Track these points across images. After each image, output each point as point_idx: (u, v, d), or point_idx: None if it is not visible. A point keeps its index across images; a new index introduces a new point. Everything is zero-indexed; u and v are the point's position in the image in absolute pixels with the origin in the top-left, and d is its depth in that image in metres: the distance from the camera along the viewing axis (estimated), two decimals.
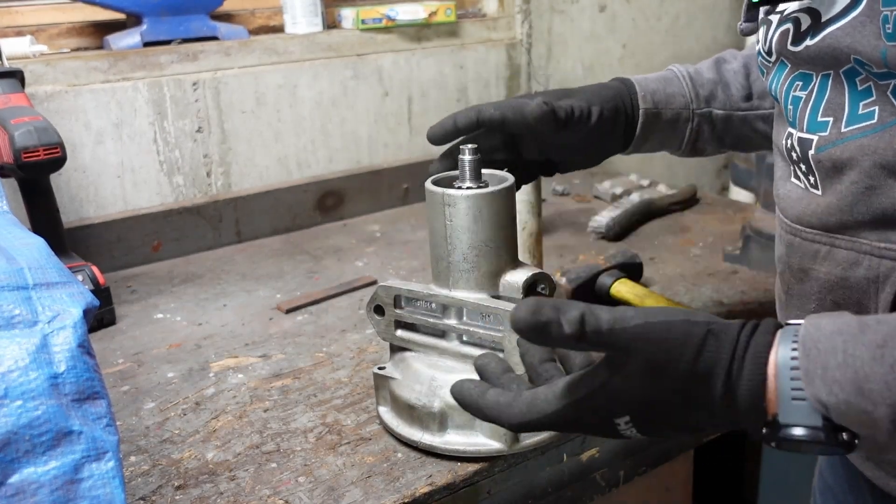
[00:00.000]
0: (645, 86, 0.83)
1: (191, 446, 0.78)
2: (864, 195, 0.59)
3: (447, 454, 0.74)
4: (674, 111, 0.83)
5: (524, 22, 1.69)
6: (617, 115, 0.81)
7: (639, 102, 0.82)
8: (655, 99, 0.83)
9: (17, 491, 0.48)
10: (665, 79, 0.85)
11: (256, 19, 1.52)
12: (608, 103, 0.79)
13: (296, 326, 1.05)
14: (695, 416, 0.48)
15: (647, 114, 0.82)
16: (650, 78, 0.85)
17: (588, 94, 0.79)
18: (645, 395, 0.48)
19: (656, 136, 0.85)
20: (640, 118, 0.82)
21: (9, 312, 0.51)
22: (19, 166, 0.98)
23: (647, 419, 0.50)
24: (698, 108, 0.84)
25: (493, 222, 0.72)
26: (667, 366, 0.47)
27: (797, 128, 0.63)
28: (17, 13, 1.34)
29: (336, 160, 1.52)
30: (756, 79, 0.85)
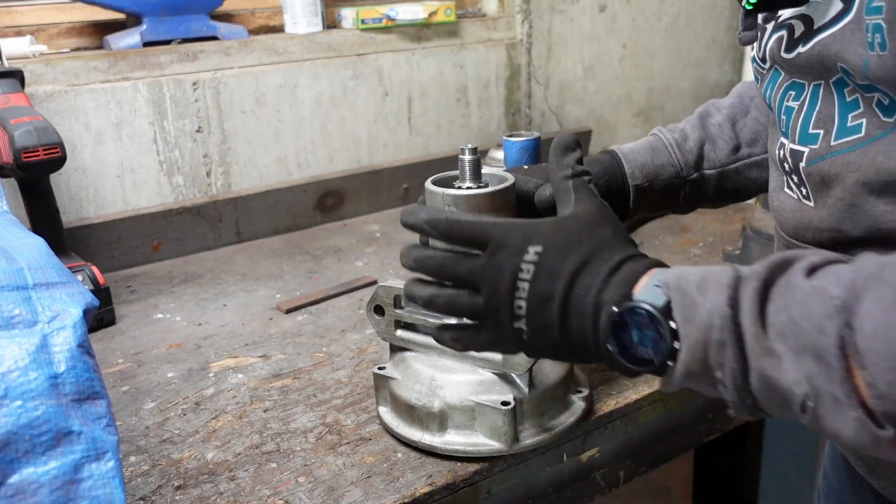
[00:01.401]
0: (633, 160, 0.83)
1: (191, 446, 0.78)
2: (849, 212, 0.58)
3: (447, 454, 0.74)
4: (664, 181, 0.83)
5: (524, 22, 1.69)
6: (609, 192, 0.81)
7: (628, 178, 0.82)
8: (645, 173, 0.83)
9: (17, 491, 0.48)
10: (653, 148, 0.85)
11: (256, 19, 1.52)
12: (598, 180, 0.79)
13: (296, 326, 1.05)
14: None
15: (638, 189, 0.82)
16: (637, 149, 0.85)
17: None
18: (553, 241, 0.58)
19: (650, 205, 0.85)
20: (631, 194, 0.82)
21: (9, 312, 0.51)
22: (19, 166, 0.98)
23: (544, 267, 0.57)
24: (689, 175, 0.84)
25: None
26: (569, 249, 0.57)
27: (789, 138, 0.62)
28: (17, 13, 1.34)
29: (336, 160, 1.52)
30: (743, 126, 0.85)
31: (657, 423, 0.89)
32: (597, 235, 0.58)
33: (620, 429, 0.84)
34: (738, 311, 0.48)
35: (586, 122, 1.84)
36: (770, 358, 0.46)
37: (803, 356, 0.44)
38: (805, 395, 0.45)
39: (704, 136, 0.86)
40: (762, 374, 0.47)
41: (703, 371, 0.50)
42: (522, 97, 1.73)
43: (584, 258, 0.57)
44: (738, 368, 0.48)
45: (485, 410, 0.72)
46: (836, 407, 0.43)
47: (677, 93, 1.97)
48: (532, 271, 0.57)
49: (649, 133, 0.87)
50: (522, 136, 1.18)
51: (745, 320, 0.47)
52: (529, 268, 0.57)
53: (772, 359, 0.46)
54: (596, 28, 1.80)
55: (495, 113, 1.69)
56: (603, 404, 0.82)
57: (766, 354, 0.46)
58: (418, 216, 0.61)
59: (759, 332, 0.46)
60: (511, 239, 0.59)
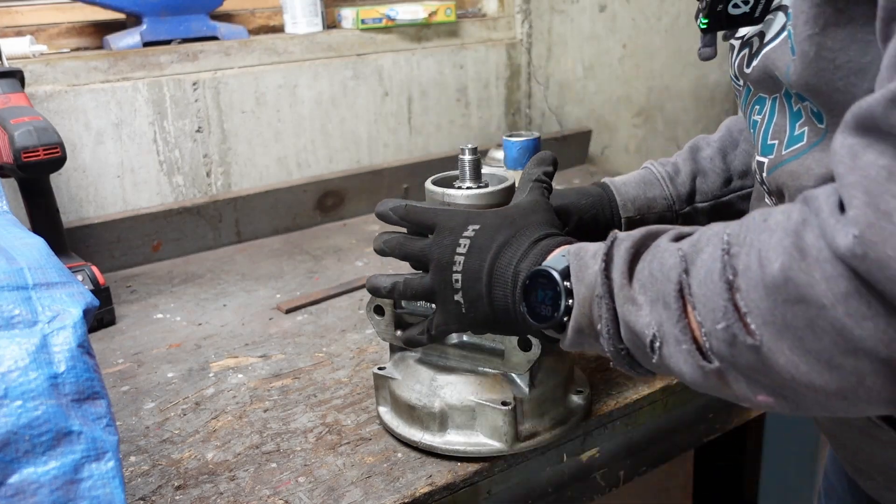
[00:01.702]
0: (625, 193, 0.85)
1: (191, 446, 0.78)
2: None
3: (447, 454, 0.73)
4: (657, 214, 0.85)
5: (524, 22, 1.69)
6: (596, 223, 0.83)
7: (619, 211, 0.84)
8: (637, 205, 0.84)
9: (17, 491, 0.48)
10: (645, 182, 0.86)
11: (256, 19, 1.52)
12: (586, 212, 0.81)
13: (296, 326, 1.05)
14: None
15: (630, 221, 0.84)
16: (630, 182, 0.86)
17: (565, 200, 0.81)
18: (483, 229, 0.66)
19: None
20: (623, 227, 0.84)
21: (9, 312, 0.51)
22: (19, 166, 0.98)
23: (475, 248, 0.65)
24: (681, 209, 0.86)
25: None
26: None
27: (756, 150, 0.65)
28: (17, 13, 1.34)
29: (336, 160, 1.52)
30: (733, 158, 0.86)
31: (657, 423, 0.89)
32: (526, 219, 0.66)
33: (620, 429, 0.84)
34: (610, 266, 0.55)
35: (586, 122, 1.84)
36: (632, 305, 0.52)
37: (656, 303, 0.50)
38: (653, 336, 0.51)
39: (696, 169, 0.87)
40: (625, 321, 0.53)
41: (589, 325, 0.57)
42: (522, 97, 1.73)
43: (510, 235, 0.64)
44: (609, 318, 0.55)
45: (485, 410, 0.72)
46: (676, 345, 0.49)
47: (677, 93, 1.97)
48: (467, 246, 0.65)
49: (640, 167, 0.89)
50: (522, 136, 1.18)
51: (614, 273, 0.54)
52: (465, 242, 0.65)
53: (633, 306, 0.52)
54: (596, 28, 1.80)
55: (495, 113, 1.69)
56: (603, 404, 0.82)
57: (629, 302, 0.53)
58: (385, 205, 0.72)
59: (625, 283, 0.53)
60: (453, 221, 0.67)
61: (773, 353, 0.44)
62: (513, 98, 1.71)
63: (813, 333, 0.42)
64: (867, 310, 0.39)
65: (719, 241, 0.47)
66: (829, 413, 0.46)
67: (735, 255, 0.46)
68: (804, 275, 0.41)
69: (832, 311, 0.40)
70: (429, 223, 0.69)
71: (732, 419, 1.00)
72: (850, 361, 0.41)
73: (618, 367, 0.57)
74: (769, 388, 0.46)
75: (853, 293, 0.40)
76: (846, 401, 0.43)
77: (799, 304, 0.42)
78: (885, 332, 0.39)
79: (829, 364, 0.42)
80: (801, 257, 0.42)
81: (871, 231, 0.39)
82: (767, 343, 0.44)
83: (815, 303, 0.41)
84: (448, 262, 0.66)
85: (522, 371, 0.73)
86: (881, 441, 0.61)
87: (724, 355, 0.47)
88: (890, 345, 0.39)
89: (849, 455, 0.69)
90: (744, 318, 0.45)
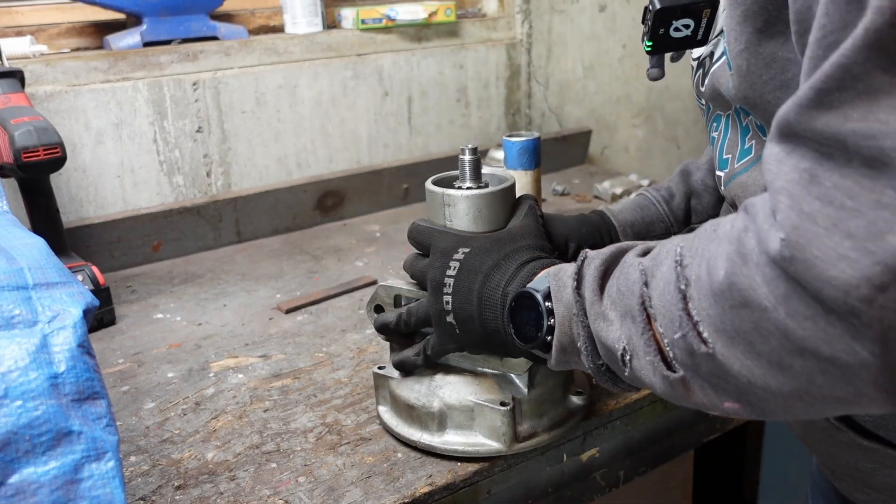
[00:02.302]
0: (623, 219, 0.87)
1: (191, 446, 0.78)
2: None
3: (446, 454, 0.74)
4: (655, 237, 0.86)
5: (524, 22, 1.69)
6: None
7: (619, 236, 0.86)
8: (635, 230, 0.87)
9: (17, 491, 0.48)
10: (641, 206, 0.88)
11: (256, 19, 1.52)
12: (586, 240, 0.82)
13: (296, 326, 1.05)
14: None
15: None
16: (627, 208, 0.88)
17: (565, 228, 0.82)
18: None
19: None
20: None
21: (9, 312, 0.51)
22: (19, 166, 0.98)
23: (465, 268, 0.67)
24: (679, 230, 0.87)
25: (493, 222, 0.72)
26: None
27: (716, 165, 0.66)
28: (17, 13, 1.34)
29: (336, 160, 1.52)
30: None
31: (657, 423, 0.89)
32: (515, 243, 0.68)
33: (620, 429, 0.84)
34: (581, 283, 0.56)
35: (586, 122, 1.84)
36: (603, 321, 0.54)
37: (625, 318, 0.52)
38: (623, 350, 0.52)
39: (690, 191, 0.89)
40: (598, 336, 0.54)
41: (570, 343, 0.58)
42: (522, 97, 1.73)
43: (499, 259, 0.66)
44: (586, 336, 0.56)
45: (484, 410, 0.72)
46: (644, 357, 0.50)
47: (677, 93, 1.97)
48: (457, 268, 0.67)
49: (636, 194, 0.92)
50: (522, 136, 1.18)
51: (585, 291, 0.56)
52: (455, 265, 0.67)
53: (604, 322, 0.53)
54: (596, 28, 1.80)
55: (495, 113, 1.69)
56: (603, 404, 0.82)
57: (600, 318, 0.54)
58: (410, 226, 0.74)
59: (595, 299, 0.54)
60: (445, 243, 0.69)
61: (727, 358, 0.44)
62: (513, 98, 1.71)
63: (760, 336, 0.42)
64: (806, 309, 0.40)
65: (674, 253, 0.49)
66: (793, 416, 0.47)
67: (687, 265, 0.47)
68: (746, 279, 0.42)
69: (774, 313, 0.41)
70: (425, 243, 0.71)
71: (732, 419, 1.00)
72: (798, 362, 0.41)
73: (600, 383, 0.58)
74: (733, 394, 0.47)
75: (791, 294, 0.40)
76: (803, 402, 0.43)
77: (744, 308, 0.43)
78: (824, 331, 0.40)
79: (779, 366, 0.42)
80: (742, 262, 0.43)
81: (795, 234, 0.40)
82: (721, 350, 0.45)
83: (758, 306, 0.42)
84: (440, 283, 0.68)
85: (521, 372, 0.73)
86: (844, 443, 0.62)
87: (686, 364, 0.48)
88: (830, 343, 0.40)
89: (821, 457, 0.69)
90: (697, 327, 0.46)
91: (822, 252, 0.39)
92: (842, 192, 0.39)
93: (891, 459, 0.60)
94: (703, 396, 0.49)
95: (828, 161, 0.40)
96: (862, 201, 0.38)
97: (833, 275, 0.38)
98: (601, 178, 1.63)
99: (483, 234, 0.71)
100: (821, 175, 0.40)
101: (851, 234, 0.38)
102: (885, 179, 0.38)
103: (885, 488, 0.63)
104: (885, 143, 0.37)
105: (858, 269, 0.38)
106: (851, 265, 0.38)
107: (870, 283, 0.37)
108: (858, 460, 0.63)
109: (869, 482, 0.64)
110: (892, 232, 0.37)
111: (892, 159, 0.37)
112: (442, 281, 0.68)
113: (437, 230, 0.72)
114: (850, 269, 0.38)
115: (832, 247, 0.38)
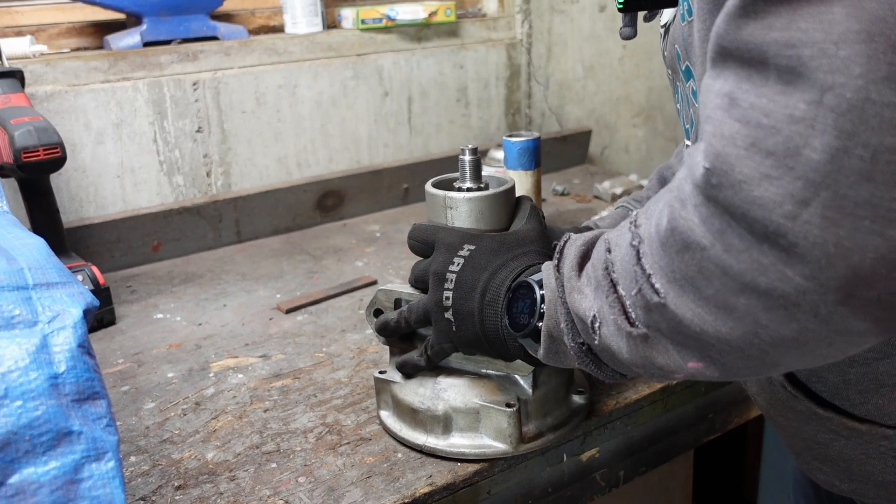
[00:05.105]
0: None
1: (191, 446, 0.78)
2: None
3: (452, 457, 0.73)
4: None
5: (524, 22, 1.69)
6: None
7: None
8: None
9: (17, 491, 0.48)
10: (622, 218, 0.89)
11: (256, 19, 1.52)
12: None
13: (296, 326, 1.05)
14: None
15: None
16: (607, 221, 0.90)
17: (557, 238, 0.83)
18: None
19: None
20: None
21: (9, 312, 0.51)
22: (19, 166, 0.98)
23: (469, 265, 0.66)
24: None
25: (494, 224, 0.72)
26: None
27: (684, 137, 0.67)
28: (17, 13, 1.34)
29: (336, 160, 1.52)
30: None
31: (657, 423, 0.89)
32: (524, 247, 0.68)
33: (620, 429, 0.84)
34: (562, 261, 0.57)
35: (586, 122, 1.84)
36: (578, 294, 0.55)
37: (597, 290, 0.52)
38: (593, 317, 0.53)
39: None
40: (573, 309, 0.55)
41: (556, 326, 0.58)
42: (522, 97, 1.73)
43: (507, 259, 0.66)
44: (564, 312, 0.56)
45: (490, 412, 0.72)
46: (611, 322, 0.51)
47: None
48: (461, 264, 0.66)
49: (615, 206, 0.94)
50: (522, 136, 1.18)
51: (565, 268, 0.57)
52: (459, 261, 0.67)
53: (579, 295, 0.54)
54: (596, 28, 1.80)
55: (495, 113, 1.69)
56: (603, 404, 0.82)
57: (575, 291, 0.55)
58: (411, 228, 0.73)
59: (573, 275, 0.55)
60: (450, 240, 0.69)
61: (679, 308, 0.45)
62: (513, 98, 1.71)
63: (704, 279, 0.43)
64: (739, 242, 0.40)
65: (631, 217, 0.51)
66: (753, 371, 0.47)
67: (640, 224, 0.48)
68: (685, 221, 0.43)
69: (713, 250, 0.41)
70: (430, 240, 0.71)
71: (732, 419, 1.00)
72: (742, 301, 0.41)
73: (584, 368, 0.58)
74: (693, 350, 0.47)
75: (726, 228, 0.41)
76: (756, 350, 0.43)
77: (686, 251, 0.43)
78: (758, 261, 0.40)
79: (725, 308, 0.42)
80: (681, 206, 0.43)
81: (719, 160, 0.40)
82: (673, 299, 0.45)
83: (697, 246, 0.42)
84: (442, 276, 0.67)
85: (526, 373, 0.73)
86: (803, 414, 0.63)
87: (644, 321, 0.48)
88: (765, 272, 0.40)
89: (784, 433, 0.70)
90: (650, 280, 0.46)
91: (744, 174, 0.39)
92: (758, 111, 0.39)
93: (846, 430, 0.61)
94: (666, 357, 0.49)
95: (746, 82, 0.40)
96: (777, 117, 0.38)
97: (758, 195, 0.38)
98: (601, 178, 1.63)
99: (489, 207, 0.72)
100: (739, 97, 0.40)
101: (770, 153, 0.38)
102: (798, 93, 0.37)
103: (840, 459, 0.63)
104: (803, 52, 0.37)
105: (781, 185, 0.38)
106: (774, 183, 0.38)
107: (793, 198, 0.38)
108: (817, 432, 0.63)
109: (826, 455, 0.64)
110: (807, 146, 0.37)
111: (809, 69, 0.37)
112: (444, 275, 0.67)
113: (440, 227, 0.71)
114: (772, 187, 0.38)
115: (754, 167, 0.38)
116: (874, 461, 0.61)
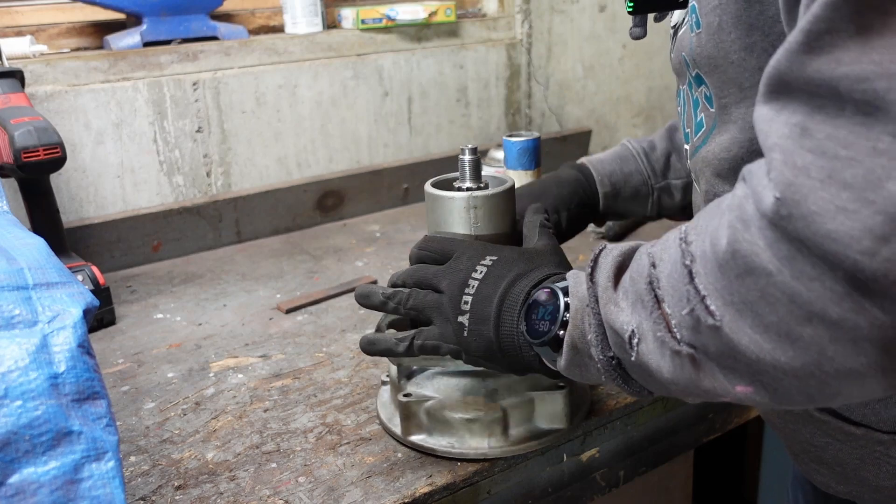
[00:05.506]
0: (601, 169, 0.90)
1: (191, 446, 0.78)
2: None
3: (521, 452, 0.75)
4: (632, 188, 0.90)
5: (524, 22, 1.69)
6: (583, 210, 0.89)
7: (597, 187, 0.89)
8: (613, 180, 0.90)
9: (17, 491, 0.48)
10: (621, 157, 0.91)
11: (256, 19, 1.52)
12: (571, 201, 0.86)
13: (296, 326, 1.05)
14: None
15: (607, 196, 0.90)
16: (606, 159, 0.91)
17: (552, 199, 0.85)
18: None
19: (619, 209, 0.92)
20: (601, 200, 0.90)
21: (9, 312, 0.51)
22: (19, 166, 0.98)
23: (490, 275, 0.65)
24: (656, 182, 0.91)
25: (494, 224, 0.72)
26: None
27: (683, 139, 0.67)
28: (17, 13, 1.34)
29: (336, 160, 1.52)
30: None
31: (657, 423, 0.89)
32: (543, 258, 0.67)
33: (620, 429, 0.84)
34: (596, 270, 0.55)
35: (586, 122, 1.84)
36: (614, 307, 0.52)
37: (636, 305, 0.50)
38: (632, 332, 0.51)
39: (671, 148, 0.91)
40: (608, 321, 0.53)
41: (581, 337, 0.56)
42: (522, 97, 1.73)
43: (528, 269, 0.65)
44: (596, 324, 0.54)
45: (543, 398, 0.74)
46: (652, 338, 0.49)
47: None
48: (484, 273, 0.65)
49: (619, 144, 0.95)
50: (522, 136, 1.18)
51: (600, 277, 0.55)
52: (482, 269, 0.66)
53: (615, 307, 0.52)
54: (596, 28, 1.80)
55: (495, 113, 1.69)
56: (603, 404, 0.82)
57: (611, 303, 0.53)
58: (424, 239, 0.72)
59: (609, 286, 0.53)
60: (472, 250, 0.68)
61: (735, 332, 0.43)
62: (513, 98, 1.71)
63: (767, 305, 0.41)
64: (811, 269, 0.38)
65: (679, 232, 0.48)
66: (809, 400, 0.45)
67: (692, 242, 0.46)
68: (749, 245, 0.41)
69: (779, 276, 0.40)
70: (447, 250, 0.70)
71: (732, 419, 1.00)
72: (808, 330, 0.40)
73: (611, 383, 0.56)
74: (744, 375, 0.45)
75: (795, 255, 0.39)
76: (816, 380, 0.42)
77: (749, 275, 0.41)
78: (831, 290, 0.38)
79: (788, 337, 0.41)
80: (744, 229, 0.41)
81: (790, 190, 0.38)
82: (728, 323, 0.43)
83: (762, 271, 0.40)
84: (461, 283, 0.66)
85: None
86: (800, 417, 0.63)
87: (693, 343, 0.46)
88: (839, 302, 0.38)
89: (782, 435, 0.70)
90: (704, 301, 0.44)
91: (818, 206, 0.37)
92: (835, 142, 0.37)
93: (841, 434, 0.61)
94: (712, 380, 0.47)
95: (819, 113, 0.38)
96: (857, 149, 0.37)
97: (832, 228, 0.37)
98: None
99: (490, 236, 0.72)
100: (812, 127, 0.38)
101: (848, 185, 0.37)
102: (880, 125, 0.36)
103: (836, 463, 0.63)
104: (878, 86, 0.36)
105: (859, 220, 0.36)
106: (851, 217, 0.36)
107: (872, 234, 0.36)
108: (813, 435, 0.63)
109: (822, 458, 0.64)
110: (890, 179, 0.36)
111: (887, 102, 0.36)
112: (465, 282, 0.66)
113: (459, 239, 0.71)
114: (849, 220, 0.36)
115: (829, 199, 0.37)
116: (869, 466, 0.61)
